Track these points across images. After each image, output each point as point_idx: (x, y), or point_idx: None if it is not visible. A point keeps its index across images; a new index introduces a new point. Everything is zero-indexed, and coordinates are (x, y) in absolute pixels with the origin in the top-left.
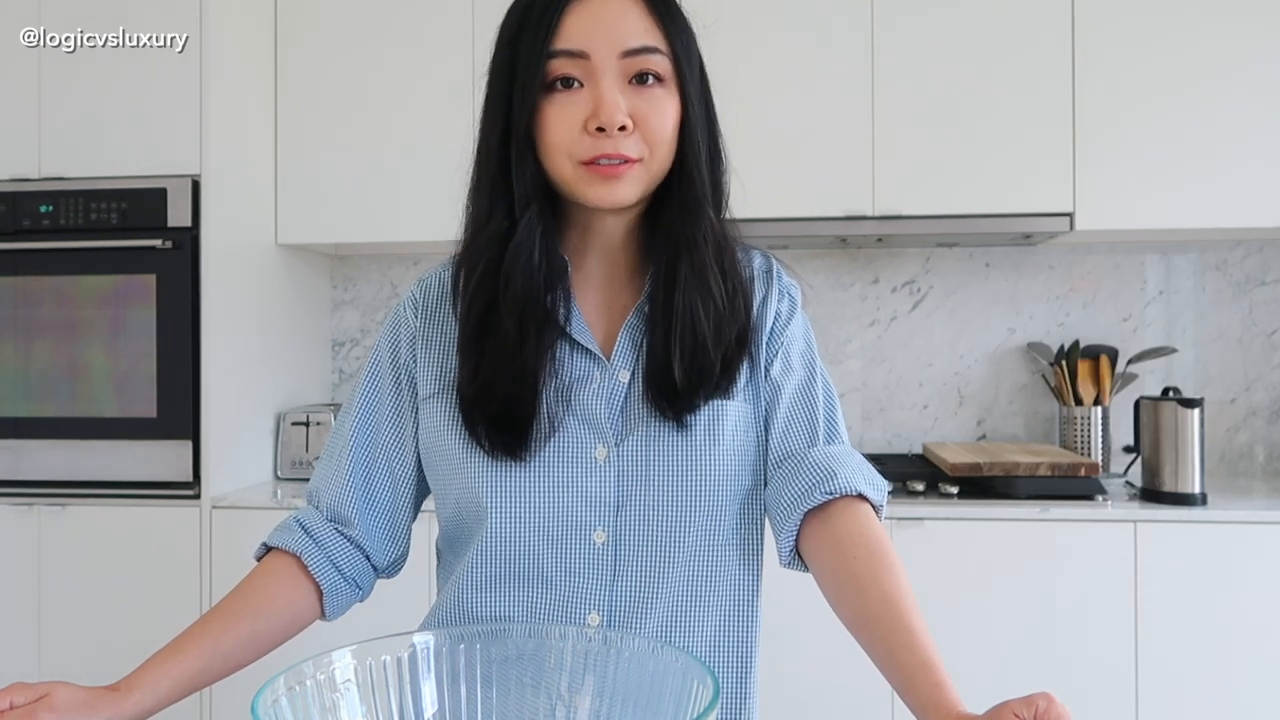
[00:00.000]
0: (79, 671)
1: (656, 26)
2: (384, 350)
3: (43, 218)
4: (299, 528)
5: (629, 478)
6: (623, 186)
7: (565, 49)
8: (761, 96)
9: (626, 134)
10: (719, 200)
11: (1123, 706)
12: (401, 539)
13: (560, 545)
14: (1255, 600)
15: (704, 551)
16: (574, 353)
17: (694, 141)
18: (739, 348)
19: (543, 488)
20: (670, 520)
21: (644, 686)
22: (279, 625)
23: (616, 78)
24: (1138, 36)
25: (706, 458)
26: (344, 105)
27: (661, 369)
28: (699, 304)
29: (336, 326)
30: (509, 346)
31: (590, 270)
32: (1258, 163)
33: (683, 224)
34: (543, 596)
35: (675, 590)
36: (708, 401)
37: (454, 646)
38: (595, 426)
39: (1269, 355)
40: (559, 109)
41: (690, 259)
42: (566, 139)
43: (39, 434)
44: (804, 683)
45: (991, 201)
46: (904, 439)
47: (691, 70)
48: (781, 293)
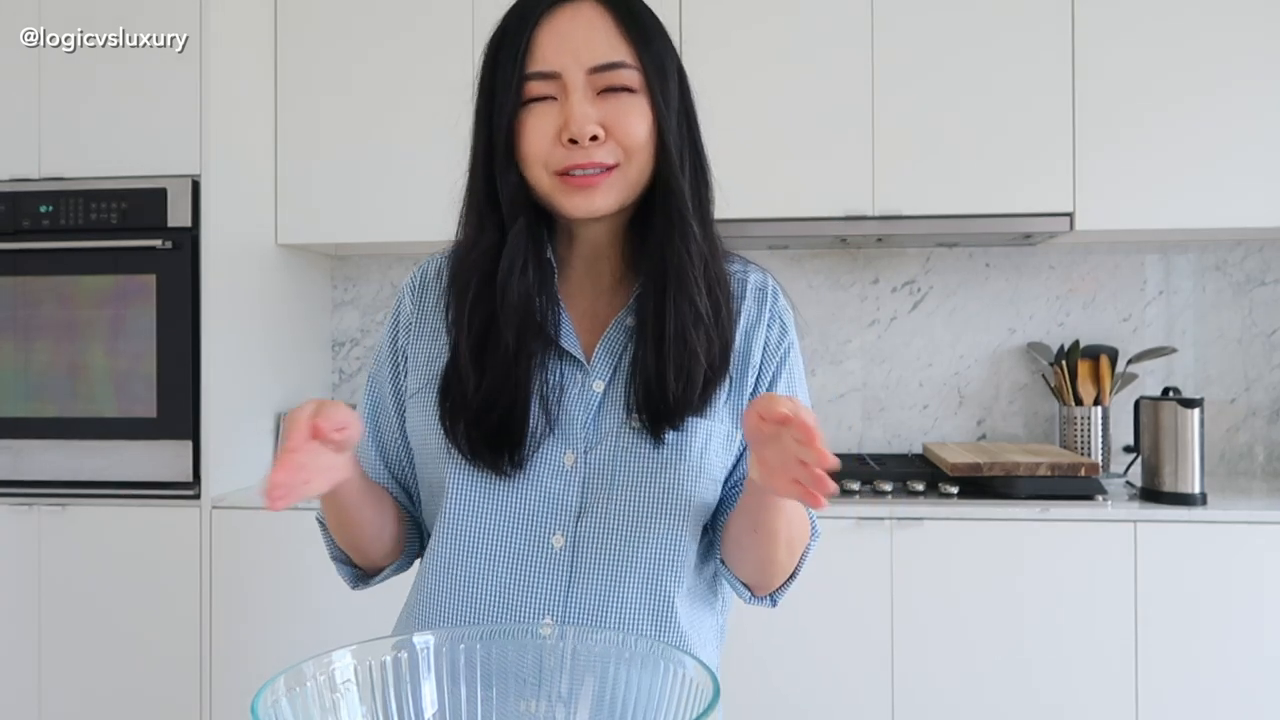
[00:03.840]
0: (79, 672)
1: (624, 40)
2: (385, 341)
3: (43, 218)
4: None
5: (593, 485)
6: (598, 196)
7: (537, 71)
8: (762, 96)
9: (599, 144)
10: (703, 213)
11: (1123, 706)
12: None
13: (517, 546)
14: (1255, 600)
15: (662, 563)
16: (558, 358)
17: (669, 152)
18: (722, 364)
19: (506, 486)
20: (630, 529)
21: (644, 687)
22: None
23: (586, 91)
24: (1137, 37)
25: (672, 471)
26: (344, 106)
27: (654, 386)
28: (689, 323)
29: (336, 326)
30: (508, 358)
31: (577, 277)
32: (1258, 163)
33: (668, 240)
34: (498, 595)
35: (631, 600)
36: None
37: (454, 646)
38: (566, 433)
39: (1269, 355)
40: (535, 120)
41: (678, 277)
42: (542, 150)
43: (39, 434)
44: (802, 685)
45: (991, 201)
46: (904, 439)
47: (664, 81)
48: (774, 317)
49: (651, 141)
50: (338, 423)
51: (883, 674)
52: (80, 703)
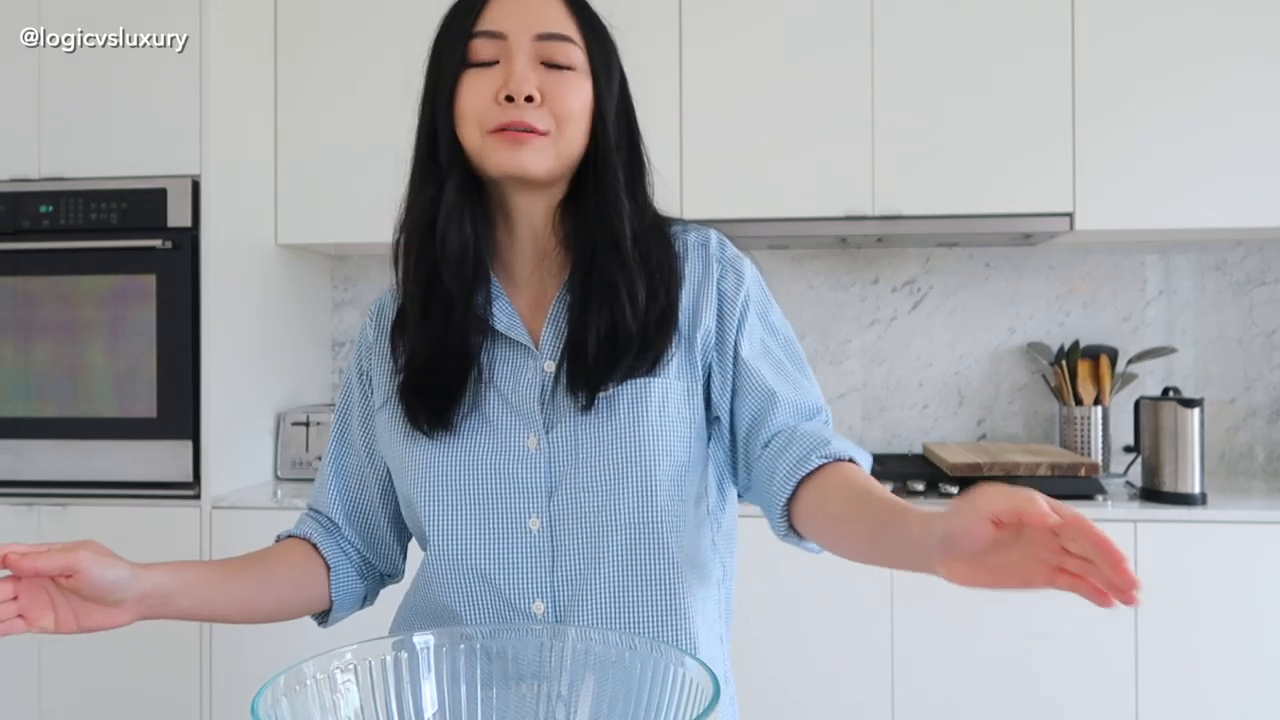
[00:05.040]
0: (78, 672)
1: (573, 21)
2: (353, 370)
3: (43, 218)
4: (312, 520)
5: (559, 463)
6: (527, 153)
7: (484, 30)
8: (761, 96)
9: (535, 105)
10: (639, 191)
11: (1123, 706)
12: (393, 544)
13: (497, 534)
14: (1255, 600)
15: (639, 528)
16: (503, 344)
17: (606, 127)
18: (660, 326)
19: (476, 477)
20: (600, 500)
21: (644, 686)
22: (289, 582)
23: (530, 57)
24: (1137, 36)
25: (631, 435)
26: (344, 105)
27: (579, 350)
28: (616, 285)
29: (336, 326)
30: (452, 309)
31: (518, 264)
32: (1258, 163)
33: (600, 209)
34: (487, 587)
35: (614, 569)
36: (626, 381)
37: (454, 646)
38: (525, 416)
39: (1269, 355)
40: (474, 81)
41: (607, 242)
42: (479, 109)
43: (39, 434)
44: (802, 684)
45: (991, 201)
46: (904, 439)
47: (607, 67)
48: (725, 265)
49: (585, 117)
50: (63, 567)
51: (883, 674)
52: (80, 703)
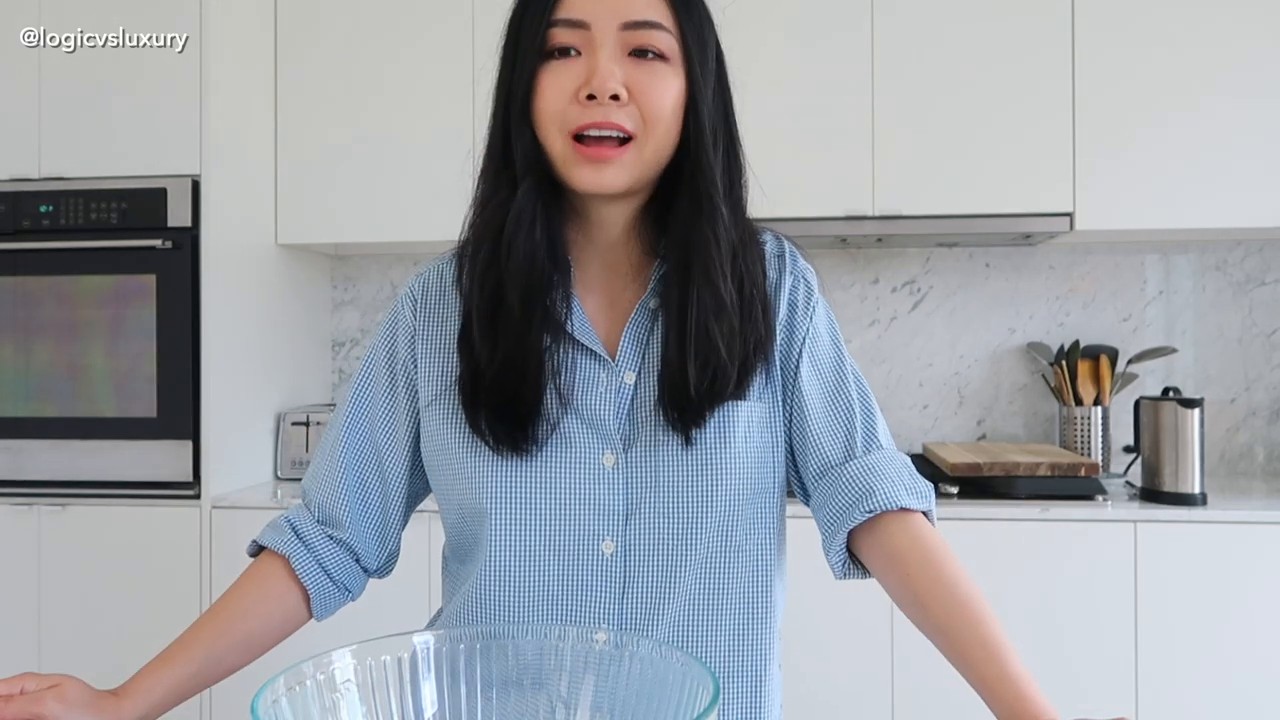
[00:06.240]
0: (79, 672)
1: (665, 4)
2: (380, 348)
3: (43, 218)
4: (289, 529)
5: (638, 485)
6: (609, 171)
7: (565, 18)
8: (761, 96)
9: (620, 104)
10: (736, 198)
11: (1123, 706)
12: (392, 540)
13: (568, 556)
14: (1255, 600)
15: (716, 556)
16: (577, 353)
17: (702, 126)
18: (757, 355)
19: (549, 495)
20: (681, 527)
21: (645, 687)
22: (271, 627)
23: (616, 49)
24: (1138, 37)
25: (717, 462)
26: (344, 105)
27: (678, 381)
28: (711, 311)
29: (336, 326)
30: (516, 324)
31: (592, 268)
32: (1258, 163)
33: (694, 221)
34: (549, 611)
35: (686, 599)
36: (717, 408)
37: (454, 647)
38: (601, 432)
39: (1269, 355)
40: (553, 76)
41: (703, 262)
42: (558, 106)
43: (39, 434)
44: (804, 682)
45: (991, 201)
46: (904, 439)
47: (702, 53)
48: (797, 278)
49: (677, 116)
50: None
51: (883, 673)
52: None
